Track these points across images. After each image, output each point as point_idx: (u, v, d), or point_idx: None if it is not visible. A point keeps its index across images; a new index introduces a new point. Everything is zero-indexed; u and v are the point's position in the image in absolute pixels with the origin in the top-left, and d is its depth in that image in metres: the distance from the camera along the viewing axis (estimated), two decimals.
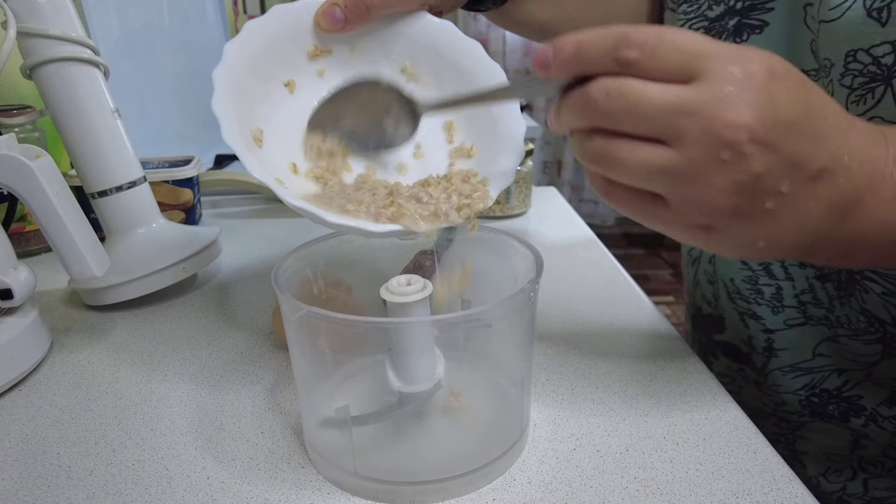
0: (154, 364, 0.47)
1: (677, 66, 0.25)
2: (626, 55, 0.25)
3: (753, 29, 0.44)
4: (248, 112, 0.40)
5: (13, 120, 0.60)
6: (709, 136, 0.25)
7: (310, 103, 0.43)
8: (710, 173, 0.26)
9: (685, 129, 0.25)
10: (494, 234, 0.40)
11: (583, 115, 0.27)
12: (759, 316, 0.51)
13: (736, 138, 0.25)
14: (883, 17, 0.36)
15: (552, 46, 0.27)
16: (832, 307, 0.46)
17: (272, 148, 0.41)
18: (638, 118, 0.26)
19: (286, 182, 0.40)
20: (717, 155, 0.25)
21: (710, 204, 0.27)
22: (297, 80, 0.43)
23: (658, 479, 0.34)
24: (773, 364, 0.51)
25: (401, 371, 0.34)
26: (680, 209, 0.27)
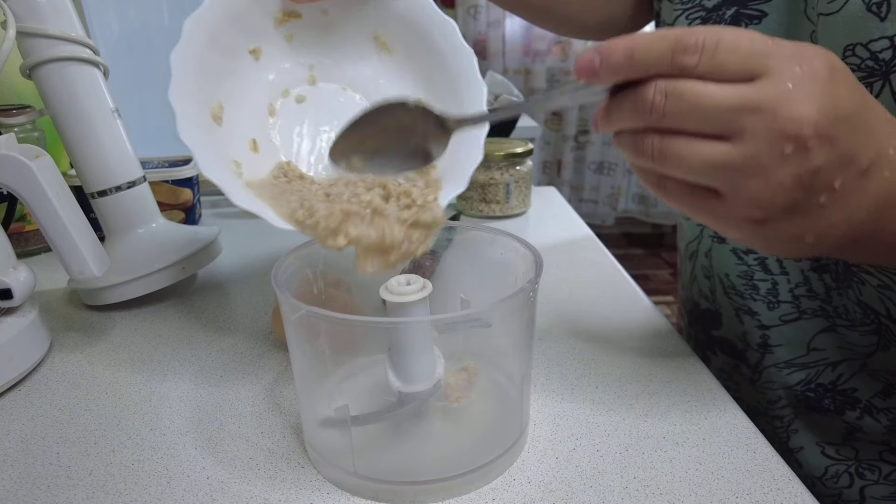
0: (154, 364, 0.47)
1: (738, 68, 0.25)
2: (683, 61, 0.25)
3: (752, 19, 0.44)
4: (210, 91, 0.39)
5: (13, 120, 0.60)
6: (773, 131, 0.25)
7: (277, 67, 0.42)
8: (772, 168, 0.26)
9: (748, 125, 0.25)
10: (494, 233, 0.40)
11: (638, 117, 0.27)
12: (755, 312, 0.51)
13: (800, 132, 0.25)
14: (882, 11, 0.36)
15: (598, 53, 0.27)
16: (829, 298, 0.47)
17: (233, 124, 0.41)
18: (698, 117, 0.26)
19: (244, 163, 0.40)
20: (781, 149, 0.25)
21: (767, 198, 0.27)
22: (262, 48, 0.42)
23: (658, 479, 0.34)
24: (767, 361, 0.51)
25: (400, 371, 0.34)
26: (736, 203, 0.28)
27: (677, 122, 0.26)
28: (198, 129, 0.37)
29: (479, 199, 0.77)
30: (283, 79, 0.44)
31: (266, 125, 0.43)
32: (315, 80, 0.45)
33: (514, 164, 0.75)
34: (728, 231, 0.30)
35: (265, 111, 0.43)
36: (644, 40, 0.26)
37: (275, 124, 0.44)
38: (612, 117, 0.29)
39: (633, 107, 0.27)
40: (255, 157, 0.41)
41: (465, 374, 0.37)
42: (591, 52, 0.27)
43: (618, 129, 0.29)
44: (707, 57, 0.25)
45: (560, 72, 2.76)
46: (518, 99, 1.16)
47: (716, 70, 0.25)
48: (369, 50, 0.46)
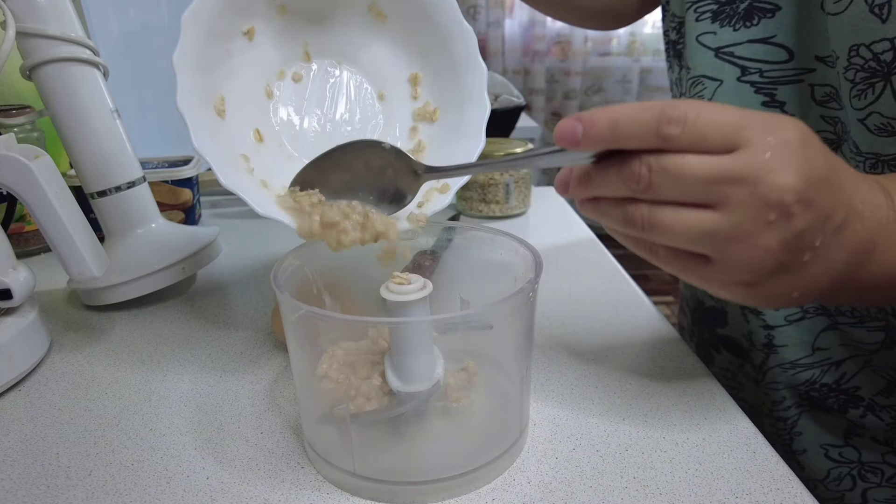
0: (153, 364, 0.47)
1: (718, 140, 0.26)
2: (667, 132, 0.26)
3: (765, 13, 0.44)
4: (210, 84, 0.39)
5: (12, 120, 0.60)
6: (756, 200, 0.26)
7: (271, 45, 0.42)
8: (757, 234, 0.27)
9: (731, 194, 0.26)
10: (494, 234, 0.40)
11: (624, 187, 0.28)
12: (760, 311, 0.51)
13: (783, 199, 0.26)
14: (884, 13, 0.36)
15: (580, 122, 0.27)
16: None
17: (235, 114, 0.41)
18: (682, 188, 0.27)
19: (252, 155, 0.40)
20: (765, 217, 0.26)
21: (755, 263, 0.28)
22: (256, 27, 0.42)
23: (657, 479, 0.34)
24: (772, 361, 0.51)
25: (400, 370, 0.34)
26: (725, 268, 0.29)
27: (663, 193, 0.27)
28: (210, 137, 0.37)
29: (478, 199, 0.77)
30: (277, 57, 0.44)
31: (266, 110, 0.43)
32: (310, 56, 0.44)
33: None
34: (718, 293, 0.31)
35: (263, 94, 0.43)
36: (627, 112, 0.27)
37: (274, 108, 0.44)
38: (593, 184, 0.29)
39: (619, 177, 0.28)
40: (260, 146, 0.41)
41: (465, 374, 0.37)
42: (572, 121, 0.28)
43: (596, 196, 0.30)
44: (689, 128, 0.26)
45: (559, 72, 2.76)
46: (518, 99, 1.16)
47: (697, 140, 0.26)
48: (364, 20, 0.46)
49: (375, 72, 0.47)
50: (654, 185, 0.27)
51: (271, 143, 0.43)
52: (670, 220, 0.28)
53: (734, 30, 0.45)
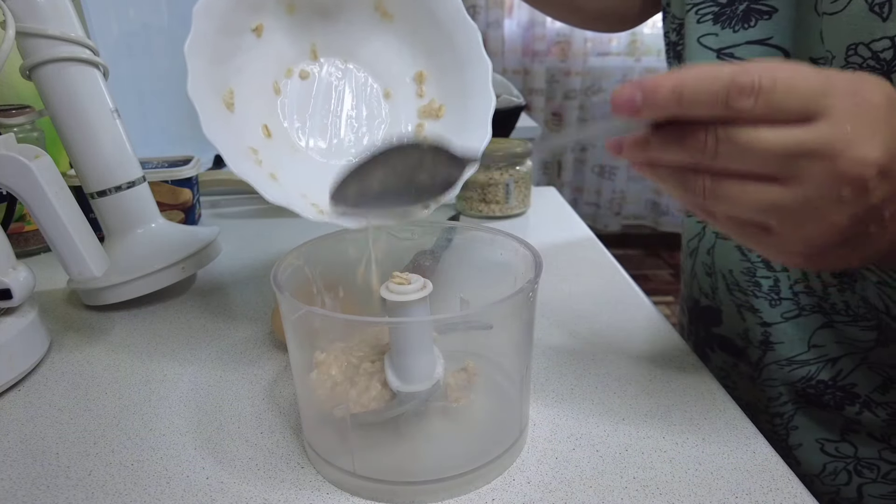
0: (153, 364, 0.47)
1: (795, 109, 0.24)
2: (739, 105, 0.24)
3: (762, 14, 0.44)
4: (220, 77, 0.39)
5: (12, 120, 0.60)
6: (832, 175, 0.25)
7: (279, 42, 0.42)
8: (828, 210, 0.25)
9: (804, 169, 0.25)
10: (494, 233, 0.40)
11: (687, 155, 0.26)
12: (757, 309, 0.51)
13: (862, 174, 0.24)
14: (884, 12, 0.36)
15: (640, 88, 0.25)
16: (826, 295, 0.47)
17: (244, 109, 0.41)
18: (752, 161, 0.25)
19: (260, 149, 0.40)
20: (838, 192, 0.25)
21: (820, 237, 0.26)
22: (265, 24, 0.42)
23: (657, 479, 0.34)
24: (768, 358, 0.51)
25: (400, 370, 0.34)
26: (786, 240, 0.27)
27: (729, 163, 0.26)
28: (220, 125, 0.37)
29: (478, 199, 0.77)
30: (285, 54, 0.44)
31: (274, 106, 0.44)
32: (317, 55, 0.45)
33: (513, 164, 0.75)
34: (776, 259, 0.30)
35: (271, 90, 0.43)
36: (693, 79, 0.25)
37: (282, 104, 0.44)
38: (652, 150, 0.27)
39: (682, 145, 0.26)
40: (269, 142, 0.42)
41: (465, 374, 0.37)
42: (630, 87, 0.26)
43: (656, 162, 0.28)
44: (763, 99, 0.24)
45: (559, 72, 2.76)
46: (517, 99, 1.16)
47: (773, 112, 0.24)
48: (370, 19, 0.46)
49: (381, 70, 0.48)
50: (720, 156, 0.25)
51: (279, 139, 0.43)
52: (735, 192, 0.26)
53: (734, 31, 0.46)
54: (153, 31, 1.21)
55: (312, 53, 0.45)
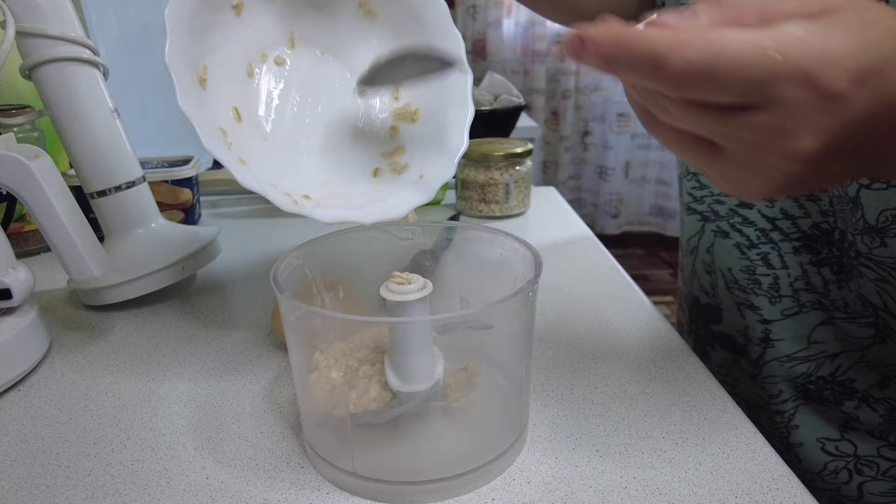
0: (153, 364, 0.47)
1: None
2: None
3: None
4: (196, 50, 0.39)
5: (12, 120, 0.60)
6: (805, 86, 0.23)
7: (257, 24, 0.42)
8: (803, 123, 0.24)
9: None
10: (493, 234, 0.40)
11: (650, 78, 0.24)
12: (757, 306, 0.51)
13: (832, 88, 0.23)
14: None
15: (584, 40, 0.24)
16: (826, 292, 0.47)
17: (216, 87, 0.41)
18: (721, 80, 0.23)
19: (229, 132, 0.40)
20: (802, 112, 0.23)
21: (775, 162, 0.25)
22: (244, 3, 0.42)
23: (657, 479, 0.34)
24: (769, 355, 0.52)
25: (400, 370, 0.34)
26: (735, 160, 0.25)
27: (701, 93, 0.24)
28: (193, 100, 0.37)
29: (478, 199, 0.77)
30: (262, 38, 0.44)
31: (246, 89, 0.43)
32: (294, 43, 0.44)
33: (513, 164, 0.75)
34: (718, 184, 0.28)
35: (244, 73, 0.43)
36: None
37: (255, 88, 0.43)
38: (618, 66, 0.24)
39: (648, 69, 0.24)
40: (238, 126, 0.41)
41: (465, 374, 0.37)
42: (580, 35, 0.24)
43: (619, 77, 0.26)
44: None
45: (559, 72, 2.77)
46: (517, 99, 1.16)
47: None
48: (353, 16, 0.46)
49: (359, 67, 0.47)
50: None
51: (249, 124, 0.42)
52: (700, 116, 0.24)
53: None
54: (153, 31, 1.21)
55: (290, 42, 0.45)
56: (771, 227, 0.49)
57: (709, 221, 0.54)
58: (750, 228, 0.50)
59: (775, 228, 0.49)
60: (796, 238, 0.48)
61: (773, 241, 0.49)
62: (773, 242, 0.49)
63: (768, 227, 0.49)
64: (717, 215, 0.53)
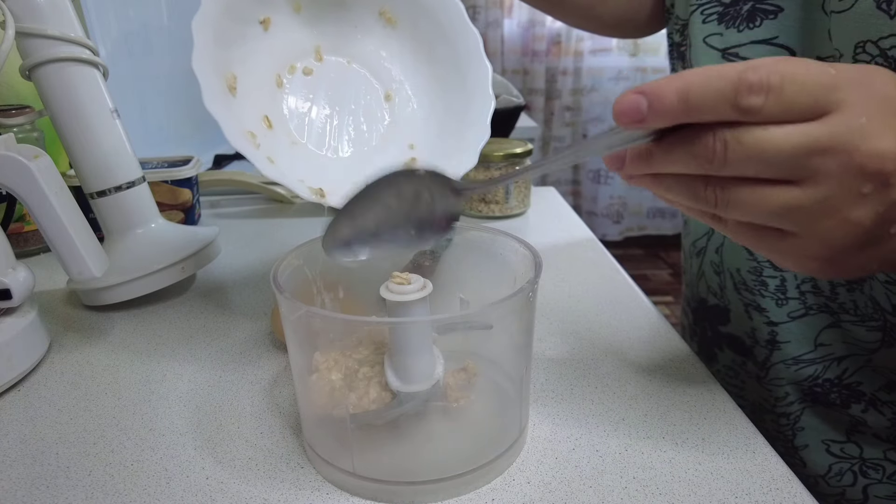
0: (153, 364, 0.47)
1: (806, 106, 0.23)
2: (748, 103, 0.23)
3: (767, 14, 0.44)
4: (224, 59, 0.40)
5: (12, 120, 0.60)
6: (849, 171, 0.23)
7: (285, 38, 0.43)
8: (848, 208, 0.24)
9: (820, 167, 0.24)
10: (493, 234, 0.40)
11: (696, 164, 0.25)
12: (763, 308, 0.51)
13: (883, 168, 0.23)
14: (892, 9, 0.36)
15: (644, 95, 0.24)
16: (834, 295, 0.47)
17: (246, 95, 0.42)
18: (764, 165, 0.24)
19: (259, 136, 0.41)
20: (858, 189, 0.24)
21: (840, 238, 0.25)
22: (272, 18, 0.43)
23: (657, 480, 0.34)
24: (775, 357, 0.52)
25: (400, 370, 0.34)
26: (804, 244, 0.26)
27: (740, 169, 0.24)
28: (220, 99, 0.37)
29: (478, 199, 0.77)
30: (290, 50, 0.45)
31: (276, 99, 0.44)
32: (321, 54, 0.45)
33: (513, 164, 0.75)
34: (794, 267, 0.28)
35: (273, 83, 0.44)
36: (699, 80, 0.23)
37: (284, 98, 0.44)
38: (656, 161, 0.26)
39: (689, 154, 0.25)
40: (269, 132, 0.42)
41: (465, 374, 0.37)
42: (634, 95, 0.24)
43: (659, 172, 0.27)
44: (773, 96, 0.23)
45: (559, 72, 2.76)
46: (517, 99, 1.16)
47: (783, 110, 0.23)
48: (375, 24, 0.47)
49: (383, 73, 0.48)
50: (730, 162, 0.24)
51: (279, 130, 0.44)
52: (748, 197, 0.25)
53: (738, 31, 0.45)
54: (153, 31, 1.21)
55: (317, 53, 0.46)
56: None
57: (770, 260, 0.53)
58: None
59: None
60: None
61: None
62: None
63: None
64: None
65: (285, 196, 0.86)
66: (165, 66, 1.25)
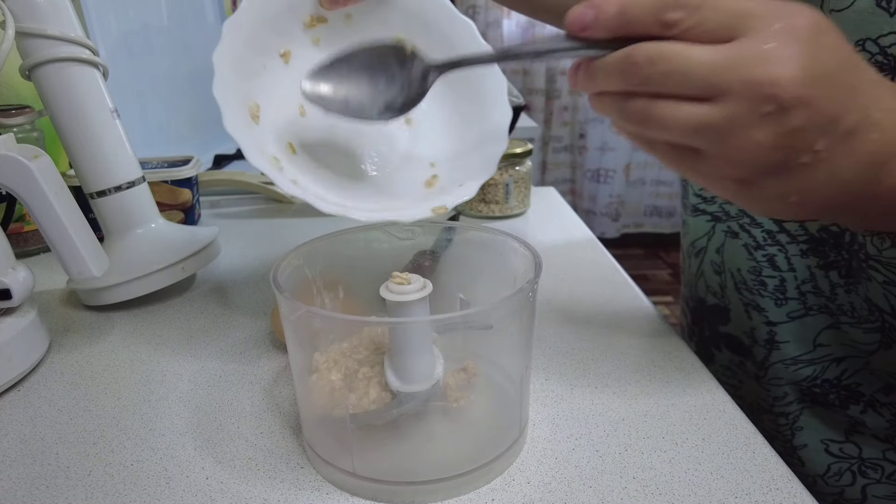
0: (153, 364, 0.47)
1: (721, 26, 0.26)
2: (670, 17, 0.26)
3: None
4: (246, 89, 0.41)
5: (12, 120, 0.60)
6: (751, 92, 0.25)
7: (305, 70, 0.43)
8: (751, 128, 0.26)
9: (727, 85, 0.26)
10: (493, 234, 0.40)
11: (622, 79, 0.28)
12: (763, 308, 0.51)
13: (777, 93, 0.25)
14: (891, 6, 0.37)
15: (593, 6, 0.27)
16: (834, 296, 0.47)
17: (269, 124, 0.42)
18: (680, 80, 0.26)
19: (283, 161, 0.41)
20: (759, 109, 0.26)
21: (746, 157, 0.27)
22: (292, 51, 0.44)
23: (657, 479, 0.34)
24: (774, 357, 0.52)
25: (399, 371, 0.34)
26: (717, 163, 0.28)
27: (661, 85, 0.27)
28: (242, 124, 0.38)
29: (478, 199, 0.77)
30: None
31: (299, 127, 0.44)
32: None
33: (513, 164, 0.75)
34: (713, 188, 0.31)
35: (297, 112, 0.44)
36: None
37: (307, 125, 0.45)
38: (597, 78, 0.29)
39: (618, 70, 0.28)
40: (293, 157, 0.42)
41: (465, 374, 0.37)
42: (584, 7, 0.27)
43: (600, 91, 0.29)
44: (691, 12, 0.26)
45: (558, 71, 2.77)
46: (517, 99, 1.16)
47: (699, 26, 0.26)
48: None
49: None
50: (650, 77, 0.27)
51: (302, 156, 0.44)
52: (665, 113, 0.27)
53: None
54: (153, 31, 1.21)
55: None
56: (778, 229, 0.49)
57: (720, 221, 0.54)
58: (757, 230, 0.50)
59: (782, 231, 0.48)
60: (804, 241, 0.47)
61: (780, 243, 0.49)
62: (779, 245, 0.49)
63: (775, 230, 0.49)
64: (727, 215, 0.53)
65: (285, 196, 0.86)
66: (165, 66, 1.25)
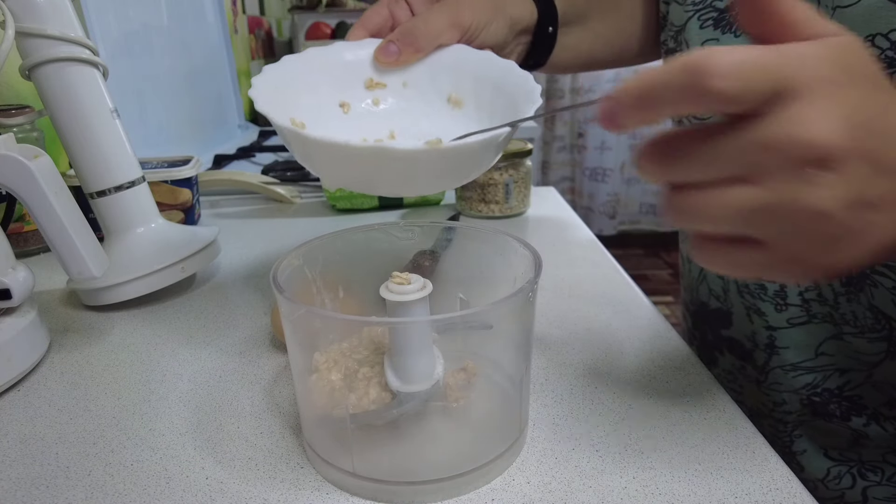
0: (153, 364, 0.47)
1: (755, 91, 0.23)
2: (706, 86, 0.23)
3: None
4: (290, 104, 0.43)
5: (12, 120, 0.60)
6: (791, 160, 0.23)
7: (360, 128, 0.46)
8: (804, 197, 0.23)
9: (762, 160, 0.23)
10: (493, 233, 0.40)
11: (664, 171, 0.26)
12: (763, 312, 0.51)
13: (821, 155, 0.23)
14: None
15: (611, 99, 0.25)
16: (837, 304, 0.46)
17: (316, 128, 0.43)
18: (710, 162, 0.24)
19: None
20: (804, 176, 0.23)
21: (810, 230, 0.24)
22: (352, 105, 0.47)
23: (657, 479, 0.34)
24: (774, 362, 0.51)
25: (399, 371, 0.34)
26: (784, 247, 0.25)
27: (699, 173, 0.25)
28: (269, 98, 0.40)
29: (478, 199, 0.77)
30: (366, 131, 0.47)
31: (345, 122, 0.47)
32: (394, 136, 0.48)
33: (513, 164, 0.75)
34: (779, 278, 0.28)
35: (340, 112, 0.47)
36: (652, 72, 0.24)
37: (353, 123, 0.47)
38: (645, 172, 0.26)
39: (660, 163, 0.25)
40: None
41: (465, 374, 0.37)
42: (605, 102, 0.25)
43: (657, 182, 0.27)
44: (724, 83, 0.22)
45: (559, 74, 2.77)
46: None
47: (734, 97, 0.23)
48: (443, 108, 0.49)
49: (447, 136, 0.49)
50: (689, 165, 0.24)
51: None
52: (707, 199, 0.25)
53: (735, 36, 0.45)
54: (153, 31, 1.21)
55: (391, 135, 0.48)
56: None
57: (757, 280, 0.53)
58: None
59: None
60: None
61: None
62: None
63: None
64: None
65: (285, 196, 0.86)
66: (165, 66, 1.25)
